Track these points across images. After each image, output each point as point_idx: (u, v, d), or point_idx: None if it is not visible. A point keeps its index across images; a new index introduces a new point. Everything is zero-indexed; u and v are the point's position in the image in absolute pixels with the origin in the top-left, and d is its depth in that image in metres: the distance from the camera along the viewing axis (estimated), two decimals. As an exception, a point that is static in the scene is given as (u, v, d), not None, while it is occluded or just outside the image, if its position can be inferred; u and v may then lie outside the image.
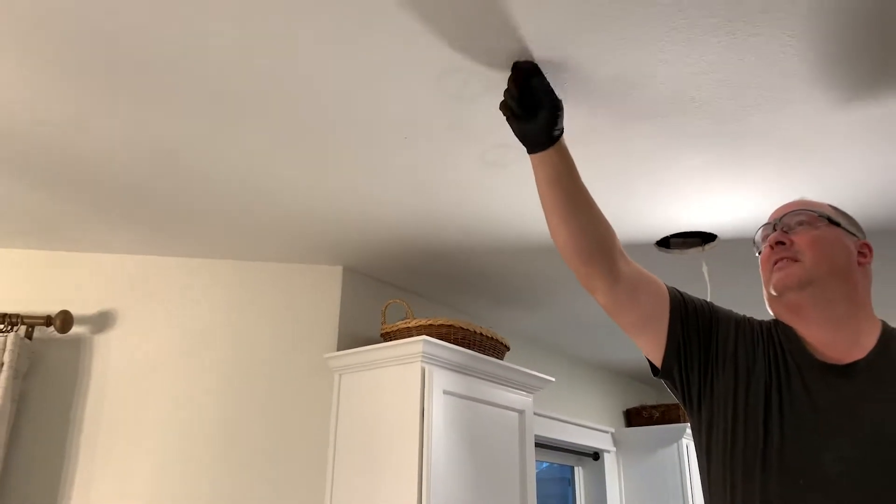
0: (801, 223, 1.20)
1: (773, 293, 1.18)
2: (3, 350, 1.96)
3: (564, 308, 2.80)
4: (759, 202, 1.91)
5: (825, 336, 1.14)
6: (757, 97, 1.45)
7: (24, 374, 2.04)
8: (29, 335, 2.07)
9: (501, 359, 2.36)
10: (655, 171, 1.76)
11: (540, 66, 1.31)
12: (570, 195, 1.24)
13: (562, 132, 1.25)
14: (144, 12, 1.22)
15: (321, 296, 2.35)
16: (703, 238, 2.19)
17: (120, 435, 2.09)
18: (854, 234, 1.21)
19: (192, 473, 2.09)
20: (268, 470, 2.13)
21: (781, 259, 1.17)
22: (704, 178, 1.80)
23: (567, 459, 3.45)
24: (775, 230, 1.21)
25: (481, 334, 2.27)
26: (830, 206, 1.26)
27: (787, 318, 1.19)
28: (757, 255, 1.26)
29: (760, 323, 1.23)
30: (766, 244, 1.21)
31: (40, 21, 1.24)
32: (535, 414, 2.71)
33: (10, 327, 2.04)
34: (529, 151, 1.27)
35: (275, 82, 1.41)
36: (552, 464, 3.52)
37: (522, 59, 1.30)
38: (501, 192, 1.87)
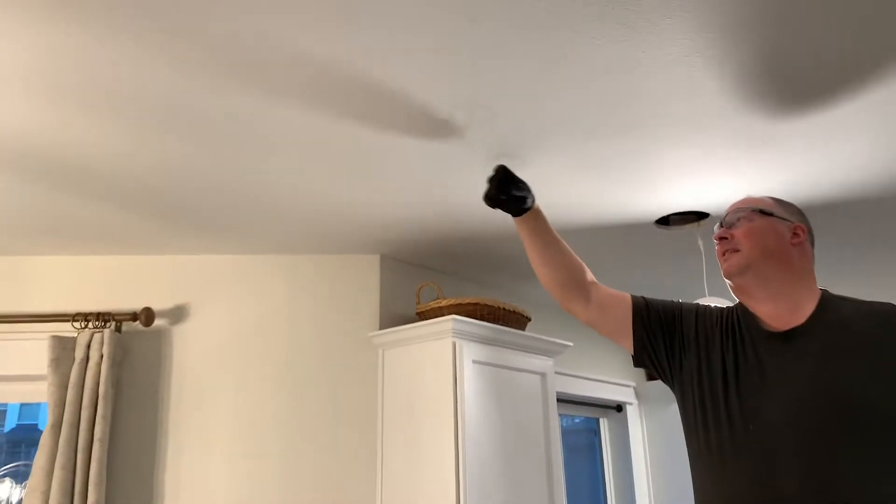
0: (739, 219, 1.47)
1: (725, 279, 1.46)
2: (102, 343, 2.34)
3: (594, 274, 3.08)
4: (741, 185, 2.17)
5: (769, 309, 1.41)
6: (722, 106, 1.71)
7: (118, 362, 2.42)
8: (119, 329, 2.44)
9: (524, 329, 2.67)
10: (654, 161, 2.03)
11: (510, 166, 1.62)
12: (545, 244, 1.60)
13: (534, 201, 1.59)
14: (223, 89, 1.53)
15: (363, 281, 2.68)
16: (698, 216, 2.45)
17: (199, 409, 2.47)
18: (787, 220, 1.46)
19: (261, 440, 2.46)
20: (325, 435, 2.49)
21: (725, 251, 1.46)
22: (696, 166, 2.06)
23: (593, 412, 3.78)
24: (721, 227, 1.49)
25: (504, 309, 2.58)
26: (771, 198, 1.52)
27: (740, 298, 1.47)
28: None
29: (723, 309, 1.52)
30: (715, 240, 1.49)
31: (118, 80, 1.55)
32: (562, 373, 3.03)
33: (104, 324, 2.41)
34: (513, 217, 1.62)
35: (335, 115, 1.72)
36: (580, 417, 3.85)
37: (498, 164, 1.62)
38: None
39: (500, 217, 2.33)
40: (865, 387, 1.27)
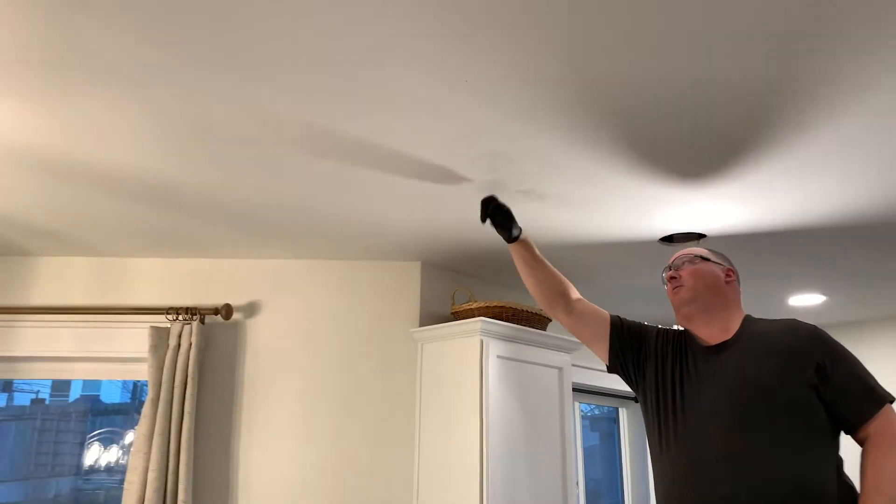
0: (684, 262, 1.89)
1: (675, 309, 1.87)
2: (191, 334, 2.83)
3: (603, 285, 3.47)
4: (732, 212, 2.53)
5: (706, 330, 1.82)
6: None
7: (202, 349, 2.90)
8: (203, 321, 2.92)
9: (544, 329, 3.07)
10: (658, 192, 2.41)
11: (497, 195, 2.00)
12: (532, 267, 1.99)
13: (520, 232, 1.98)
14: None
15: (406, 284, 3.11)
16: (697, 236, 2.81)
17: (268, 390, 2.94)
18: (721, 264, 1.88)
19: (318, 420, 2.92)
20: (372, 417, 2.94)
21: (675, 287, 1.86)
22: (691, 196, 2.43)
23: (612, 402, 4.16)
24: (670, 270, 1.90)
25: (527, 311, 2.99)
26: (708, 249, 1.94)
27: (685, 324, 1.88)
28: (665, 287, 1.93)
29: (674, 331, 1.92)
30: (666, 280, 1.90)
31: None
32: (583, 367, 3.43)
33: (191, 317, 2.90)
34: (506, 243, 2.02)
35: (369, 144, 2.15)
36: (602, 407, 4.24)
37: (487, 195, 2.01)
38: (535, 214, 2.56)
39: (525, 227, 2.72)
40: (771, 381, 1.65)
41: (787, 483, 1.56)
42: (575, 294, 2.02)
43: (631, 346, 1.92)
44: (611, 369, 1.97)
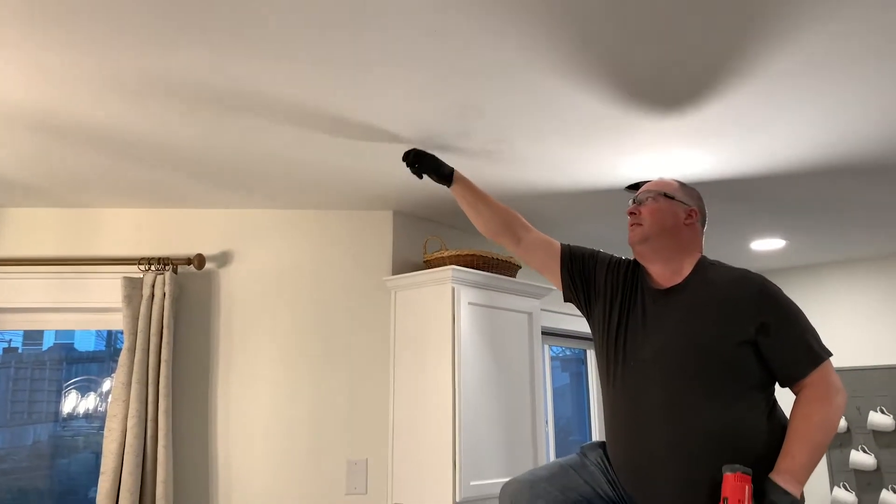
0: (647, 198, 1.86)
1: (630, 245, 1.87)
2: (164, 283, 2.85)
3: (571, 234, 3.53)
4: (696, 159, 2.59)
5: (658, 271, 1.83)
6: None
7: (176, 299, 2.93)
8: (175, 271, 2.93)
9: (514, 276, 3.14)
10: (625, 139, 2.45)
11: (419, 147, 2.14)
12: (474, 203, 2.06)
13: (451, 171, 2.07)
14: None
15: (378, 233, 3.15)
16: (663, 183, 2.87)
17: (244, 338, 2.99)
18: (685, 204, 1.84)
19: (294, 365, 2.99)
20: (347, 361, 3.01)
21: (632, 224, 1.86)
22: (656, 142, 2.48)
23: (581, 345, 4.29)
24: (633, 203, 1.89)
25: (497, 259, 3.05)
26: (677, 182, 1.90)
27: (639, 259, 1.89)
28: None
29: (627, 261, 1.93)
30: (627, 213, 1.89)
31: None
32: (552, 311, 3.52)
33: (163, 267, 2.91)
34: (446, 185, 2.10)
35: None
36: (571, 349, 4.37)
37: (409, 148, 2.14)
38: (505, 166, 2.59)
39: (496, 178, 2.76)
40: (711, 335, 1.68)
41: (715, 435, 1.63)
42: (523, 225, 2.05)
43: (581, 279, 1.94)
44: (566, 299, 2.00)
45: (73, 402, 3.34)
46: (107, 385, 3.22)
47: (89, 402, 3.31)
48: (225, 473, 2.87)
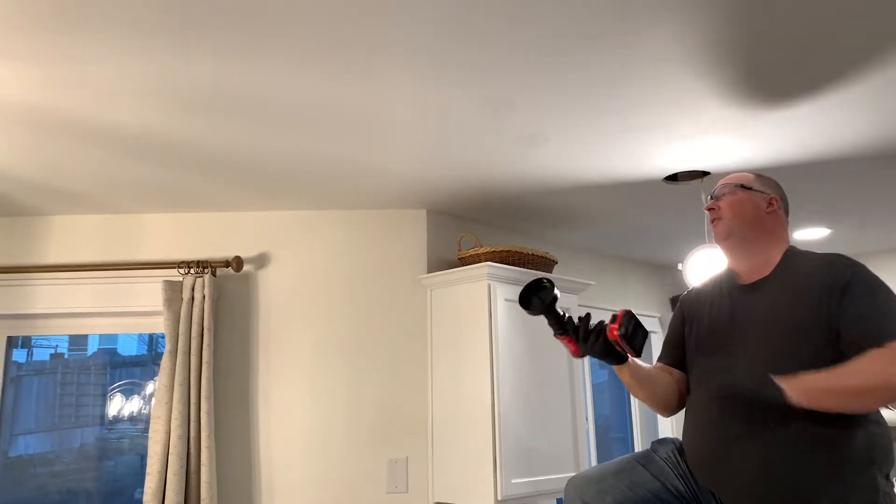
0: (724, 193, 1.81)
1: (716, 242, 1.83)
2: (204, 286, 2.89)
3: (608, 225, 3.50)
4: (735, 148, 2.54)
5: (744, 265, 1.78)
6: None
7: (215, 301, 2.96)
8: (214, 274, 2.97)
9: (550, 271, 3.11)
10: (661, 131, 2.42)
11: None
12: (639, 383, 1.84)
13: (628, 358, 1.82)
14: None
15: (413, 231, 3.14)
16: (702, 174, 2.82)
17: (282, 338, 3.01)
18: (764, 192, 1.78)
19: (332, 365, 3.00)
20: (385, 360, 3.01)
21: (714, 220, 1.81)
22: (700, 131, 2.44)
23: (620, 340, 4.23)
24: (711, 199, 1.84)
25: (533, 254, 3.03)
26: (753, 174, 1.84)
27: (727, 256, 1.83)
28: None
29: (707, 281, 1.89)
30: (706, 210, 1.84)
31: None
32: (591, 307, 3.48)
33: (202, 270, 2.95)
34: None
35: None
36: (609, 344, 4.31)
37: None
38: (540, 159, 2.57)
39: (530, 172, 2.74)
40: (795, 314, 1.61)
41: (801, 433, 1.55)
42: (676, 391, 1.89)
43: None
44: None
45: (118, 406, 3.40)
46: (150, 388, 3.27)
47: (133, 405, 3.37)
48: (267, 472, 2.90)
